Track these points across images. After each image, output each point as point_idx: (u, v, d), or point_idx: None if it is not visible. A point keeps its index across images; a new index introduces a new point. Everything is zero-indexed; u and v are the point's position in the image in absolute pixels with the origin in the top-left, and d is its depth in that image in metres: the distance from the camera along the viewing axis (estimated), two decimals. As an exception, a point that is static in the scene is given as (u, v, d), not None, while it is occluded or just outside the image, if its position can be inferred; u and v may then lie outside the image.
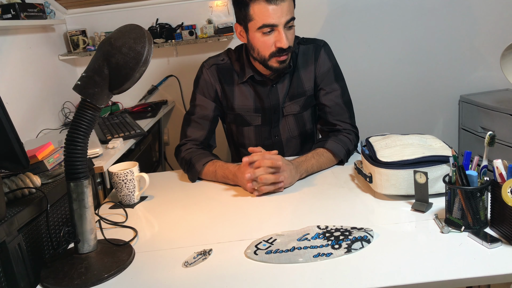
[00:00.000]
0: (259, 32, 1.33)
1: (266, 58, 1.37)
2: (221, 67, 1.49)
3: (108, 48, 0.91)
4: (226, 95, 1.50)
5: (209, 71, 1.49)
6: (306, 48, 1.48)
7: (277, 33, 1.32)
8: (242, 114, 1.52)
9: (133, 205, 1.27)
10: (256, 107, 1.51)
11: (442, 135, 2.78)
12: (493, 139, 0.92)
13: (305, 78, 1.48)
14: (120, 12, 2.59)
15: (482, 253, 0.85)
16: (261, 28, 1.32)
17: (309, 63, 1.47)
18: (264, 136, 1.55)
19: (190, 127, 1.49)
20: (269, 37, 1.33)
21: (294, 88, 1.49)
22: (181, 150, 1.46)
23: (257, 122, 1.53)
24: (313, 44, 1.49)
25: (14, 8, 1.93)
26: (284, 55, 1.35)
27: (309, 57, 1.47)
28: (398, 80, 2.70)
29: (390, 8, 2.58)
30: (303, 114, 1.53)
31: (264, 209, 1.16)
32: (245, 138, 1.58)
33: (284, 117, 1.52)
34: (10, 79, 1.99)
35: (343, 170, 1.35)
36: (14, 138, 0.93)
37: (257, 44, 1.36)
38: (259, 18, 1.31)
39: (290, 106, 1.51)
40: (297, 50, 1.47)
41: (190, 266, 0.91)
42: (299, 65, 1.47)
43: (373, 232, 0.95)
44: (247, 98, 1.50)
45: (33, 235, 1.02)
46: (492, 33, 2.59)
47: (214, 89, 1.49)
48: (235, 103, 1.51)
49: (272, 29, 1.32)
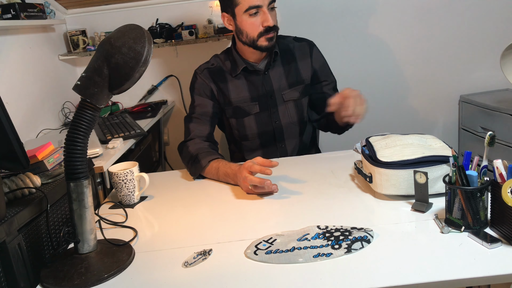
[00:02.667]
0: (246, 14, 1.45)
1: (255, 38, 1.48)
2: (212, 70, 1.60)
3: (108, 48, 0.91)
4: (222, 92, 1.58)
5: (202, 75, 1.59)
6: (301, 45, 1.64)
7: (263, 14, 1.45)
8: (240, 105, 1.59)
9: (133, 205, 1.27)
10: (252, 97, 1.58)
11: (442, 135, 2.78)
12: (493, 139, 0.92)
13: (303, 69, 1.62)
14: (120, 12, 2.59)
15: (482, 253, 0.85)
16: (247, 10, 1.44)
17: (305, 56, 1.62)
18: (264, 122, 1.62)
19: (192, 122, 1.54)
20: (256, 18, 1.45)
21: (293, 76, 1.61)
22: (188, 144, 1.48)
23: (255, 110, 1.59)
24: (306, 42, 1.65)
25: (14, 8, 1.94)
26: (271, 33, 1.47)
27: (305, 52, 1.62)
28: (398, 80, 2.70)
29: (390, 8, 2.58)
30: (301, 101, 1.63)
31: (264, 209, 1.16)
32: (246, 129, 1.62)
33: (285, 102, 1.61)
34: (10, 79, 1.99)
35: (343, 170, 1.35)
36: (14, 138, 0.93)
37: (246, 27, 1.47)
38: (245, 1, 1.44)
39: (290, 93, 1.60)
40: (293, 45, 1.63)
41: (190, 266, 0.91)
42: (297, 57, 1.62)
43: (373, 232, 0.95)
44: (242, 90, 1.58)
45: (33, 235, 1.02)
46: (492, 33, 2.59)
47: (209, 88, 1.58)
48: (231, 97, 1.58)
49: (258, 10, 1.44)
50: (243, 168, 1.24)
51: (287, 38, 1.64)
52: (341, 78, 2.59)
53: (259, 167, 1.21)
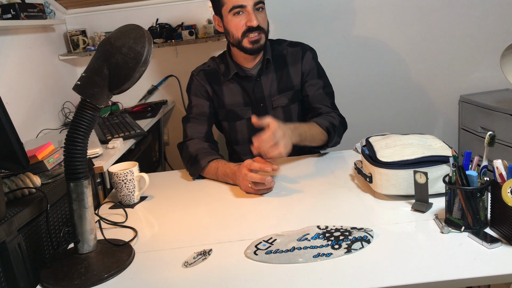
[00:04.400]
0: (231, 14, 1.45)
1: (239, 39, 1.47)
2: (207, 72, 1.60)
3: (108, 48, 0.91)
4: (217, 94, 1.59)
5: (198, 76, 1.60)
6: (294, 50, 1.61)
7: (247, 14, 1.44)
8: (233, 109, 1.59)
9: (133, 205, 1.27)
10: (245, 101, 1.59)
11: (442, 135, 2.78)
12: (493, 139, 0.92)
13: (293, 74, 1.60)
14: (120, 12, 2.59)
15: (482, 253, 0.85)
16: (231, 10, 1.44)
17: (297, 61, 1.60)
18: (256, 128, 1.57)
19: (190, 123, 1.54)
20: (240, 18, 1.45)
21: (284, 82, 1.59)
22: (188, 144, 1.48)
23: (248, 115, 1.60)
24: (300, 47, 1.62)
25: (14, 8, 1.94)
26: (255, 34, 1.45)
27: (297, 57, 1.60)
28: (398, 80, 2.70)
29: (390, 8, 2.58)
30: (290, 107, 1.61)
31: (264, 209, 1.16)
32: (238, 133, 1.62)
33: (274, 109, 1.60)
34: (10, 79, 1.99)
35: (343, 170, 1.35)
36: (14, 138, 0.93)
37: (231, 27, 1.47)
38: (229, 1, 1.44)
39: (279, 99, 1.59)
40: (286, 51, 1.60)
41: (190, 266, 0.91)
42: (289, 63, 1.60)
43: (373, 232, 0.95)
44: (236, 94, 1.58)
45: (33, 235, 1.02)
46: (492, 33, 2.59)
47: (205, 89, 1.58)
48: (225, 100, 1.58)
49: (242, 10, 1.44)
50: (243, 166, 1.25)
51: (282, 44, 1.62)
52: (341, 78, 2.61)
53: (258, 165, 1.21)
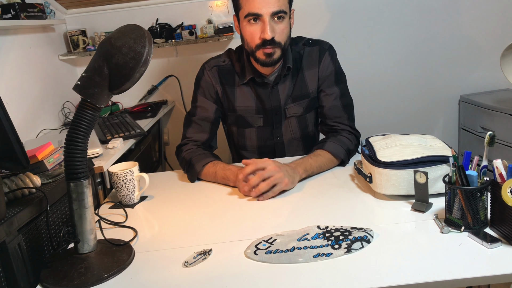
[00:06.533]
0: (246, 21, 1.33)
1: (253, 49, 1.35)
2: (222, 68, 1.48)
3: (108, 48, 0.91)
4: (228, 97, 1.49)
5: (210, 73, 1.48)
6: (311, 50, 1.47)
7: (262, 24, 1.31)
8: (244, 115, 1.51)
9: (133, 205, 1.27)
10: (258, 108, 1.49)
11: (442, 135, 2.78)
12: (493, 139, 0.92)
13: (309, 79, 1.47)
14: (120, 12, 2.59)
15: (482, 253, 0.85)
16: (247, 17, 1.32)
17: (313, 65, 1.46)
18: (266, 137, 1.54)
19: (191, 128, 1.49)
20: (255, 27, 1.32)
21: (298, 90, 1.47)
22: (182, 150, 1.46)
23: (259, 124, 1.52)
24: (318, 46, 1.47)
25: (14, 8, 1.94)
26: (270, 47, 1.32)
27: (313, 59, 1.46)
28: (398, 80, 2.70)
29: (390, 8, 2.58)
30: (306, 116, 1.52)
31: (264, 209, 1.16)
32: (246, 140, 1.57)
33: (287, 118, 1.51)
34: (10, 79, 1.99)
35: (343, 170, 1.35)
36: (14, 138, 0.92)
37: (245, 34, 1.36)
38: (246, 6, 1.31)
39: (293, 108, 1.50)
40: (302, 52, 1.47)
41: (190, 266, 0.91)
42: (304, 67, 1.46)
43: (373, 232, 0.95)
44: (249, 99, 1.49)
45: (33, 235, 1.02)
46: (492, 33, 2.59)
47: (215, 90, 1.49)
48: (236, 104, 1.50)
49: (258, 18, 1.31)
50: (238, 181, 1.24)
51: (299, 44, 1.48)
52: (341, 78, 2.61)
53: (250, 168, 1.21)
